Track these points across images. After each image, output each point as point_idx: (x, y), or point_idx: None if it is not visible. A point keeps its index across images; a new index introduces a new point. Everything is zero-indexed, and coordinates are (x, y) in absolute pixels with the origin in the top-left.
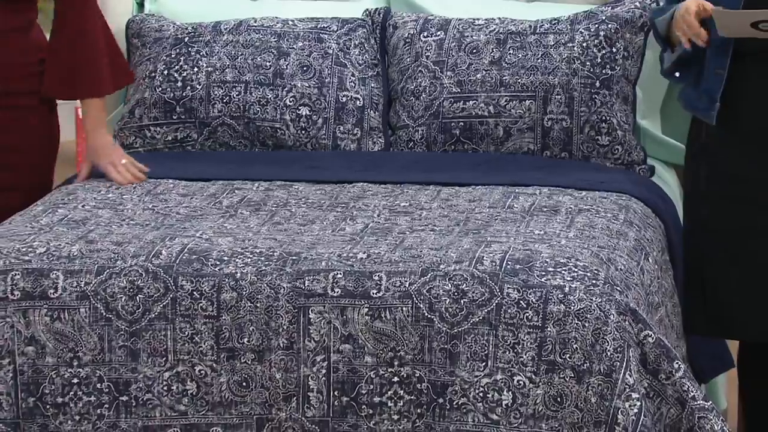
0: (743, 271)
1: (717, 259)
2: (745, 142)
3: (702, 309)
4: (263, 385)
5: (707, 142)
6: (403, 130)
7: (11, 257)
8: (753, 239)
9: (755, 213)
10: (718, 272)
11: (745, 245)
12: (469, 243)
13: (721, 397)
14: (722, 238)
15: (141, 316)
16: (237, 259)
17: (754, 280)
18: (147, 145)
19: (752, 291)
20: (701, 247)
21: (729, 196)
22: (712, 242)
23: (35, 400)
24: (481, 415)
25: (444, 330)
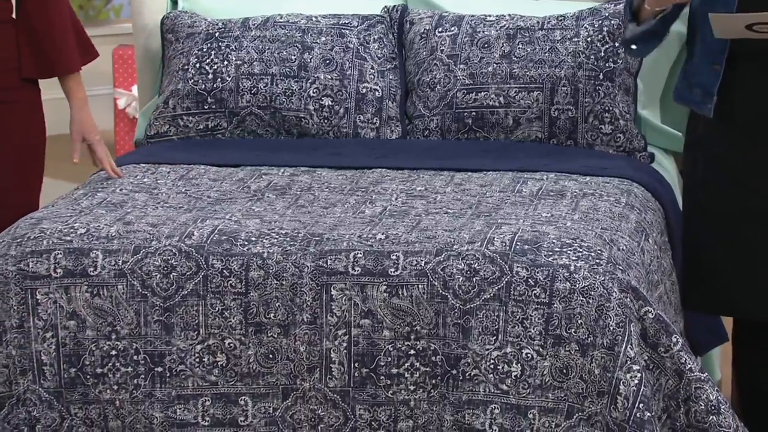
0: (737, 253)
1: (713, 242)
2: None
3: (699, 288)
4: (288, 357)
5: (704, 132)
6: (419, 120)
7: (54, 238)
8: (746, 223)
9: (748, 197)
10: (714, 254)
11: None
12: (480, 225)
13: (716, 369)
14: (718, 222)
15: (174, 293)
16: (264, 239)
17: (748, 261)
18: (180, 134)
19: (746, 271)
20: (698, 230)
21: (724, 182)
22: (708, 226)
23: (76, 370)
24: (491, 386)
25: (457, 306)
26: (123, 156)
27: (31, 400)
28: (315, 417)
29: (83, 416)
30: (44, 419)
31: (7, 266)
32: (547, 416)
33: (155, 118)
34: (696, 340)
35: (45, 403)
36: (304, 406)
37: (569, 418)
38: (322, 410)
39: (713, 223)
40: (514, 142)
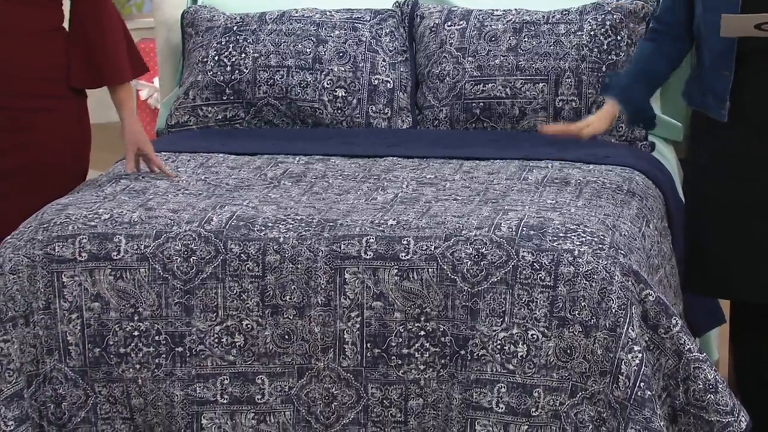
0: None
1: (714, 230)
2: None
3: (700, 272)
4: (303, 338)
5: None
6: (429, 110)
7: (79, 223)
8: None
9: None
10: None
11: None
12: (488, 211)
13: (714, 350)
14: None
15: (194, 276)
16: (280, 225)
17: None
18: (199, 123)
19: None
20: (700, 218)
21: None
22: (709, 214)
23: (100, 350)
24: (498, 365)
25: (466, 289)
26: None
27: (57, 378)
28: (329, 395)
29: (107, 394)
30: (70, 397)
31: (35, 250)
32: (551, 395)
33: (176, 108)
34: (695, 321)
35: (70, 382)
36: (318, 384)
37: (573, 396)
38: (335, 389)
39: (715, 212)
40: (520, 132)
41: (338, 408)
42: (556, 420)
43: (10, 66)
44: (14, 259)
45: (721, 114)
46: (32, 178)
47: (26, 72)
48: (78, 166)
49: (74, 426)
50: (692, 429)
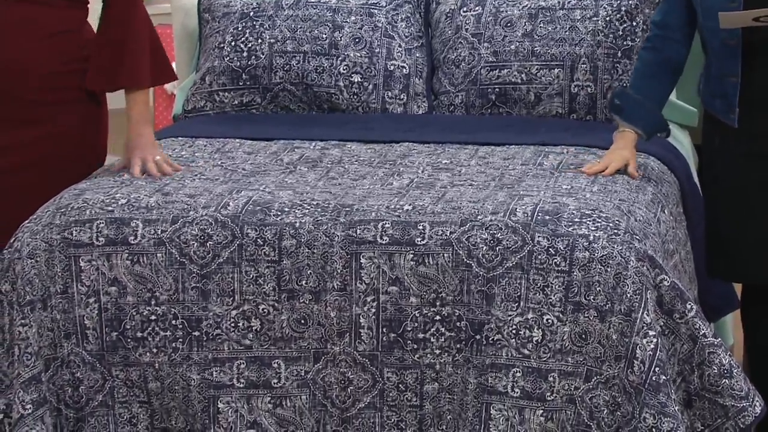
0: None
1: (731, 212)
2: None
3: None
4: (319, 323)
5: None
6: (445, 96)
7: (96, 208)
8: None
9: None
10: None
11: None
12: (503, 196)
13: (729, 335)
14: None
15: (211, 261)
16: (296, 210)
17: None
18: (216, 109)
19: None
20: (717, 200)
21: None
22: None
23: (118, 334)
24: (513, 350)
25: (481, 274)
26: (162, 130)
27: (74, 362)
28: (345, 379)
29: (124, 378)
30: (87, 380)
31: (52, 234)
32: (566, 379)
33: (192, 93)
34: (710, 306)
35: (88, 365)
36: (334, 369)
37: (588, 381)
38: (351, 373)
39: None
40: (536, 117)
41: (354, 392)
42: (571, 404)
43: (29, 61)
44: (32, 244)
45: (731, 119)
46: (52, 170)
47: (45, 67)
48: (96, 155)
49: (92, 409)
50: (707, 414)
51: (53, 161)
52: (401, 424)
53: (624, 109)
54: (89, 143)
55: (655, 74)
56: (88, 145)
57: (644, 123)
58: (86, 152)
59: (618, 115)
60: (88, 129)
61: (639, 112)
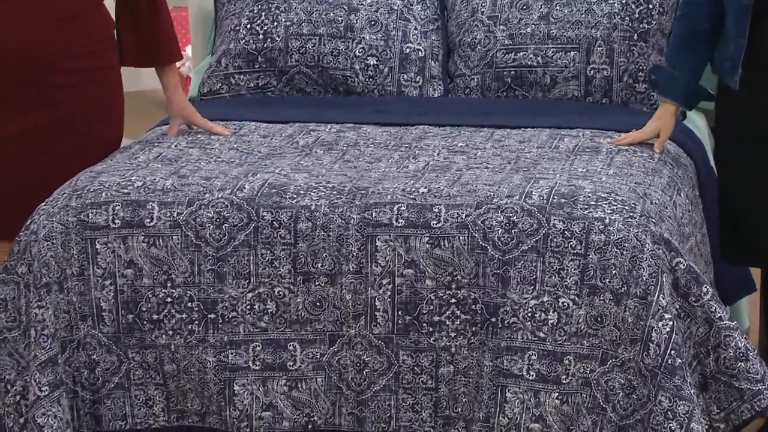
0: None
1: (747, 195)
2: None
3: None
4: (335, 305)
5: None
6: (461, 78)
7: (112, 190)
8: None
9: None
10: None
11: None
12: (519, 179)
13: (745, 318)
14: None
15: (227, 243)
16: (312, 192)
17: None
18: (232, 91)
19: None
20: (732, 184)
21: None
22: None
23: (134, 316)
24: (529, 333)
25: (497, 257)
26: None
27: (90, 344)
28: (360, 362)
29: (140, 360)
30: (103, 362)
31: (68, 217)
32: (582, 362)
33: (208, 76)
34: (725, 289)
35: (104, 347)
36: (349, 351)
37: (603, 364)
38: (366, 356)
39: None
40: (552, 100)
41: (369, 375)
42: (586, 387)
43: (45, 44)
44: (48, 226)
45: (734, 81)
46: (67, 153)
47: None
48: (112, 138)
49: (108, 391)
50: (722, 397)
51: (69, 144)
52: (416, 407)
53: (659, 83)
54: (105, 126)
55: (686, 44)
56: (103, 127)
57: (679, 94)
58: (102, 135)
59: (655, 89)
60: (104, 112)
61: (673, 84)
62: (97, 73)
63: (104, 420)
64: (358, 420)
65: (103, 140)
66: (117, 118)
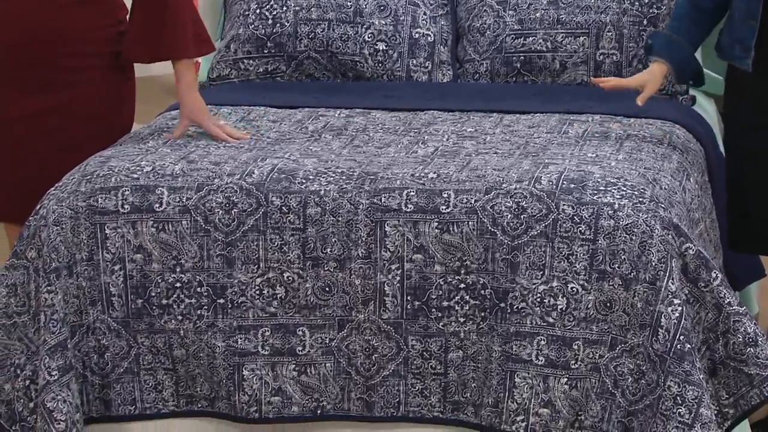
0: None
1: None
2: None
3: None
4: (344, 291)
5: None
6: (470, 64)
7: (122, 175)
8: None
9: None
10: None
11: None
12: (528, 164)
13: (754, 303)
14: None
15: (236, 228)
16: (321, 177)
17: None
18: (241, 76)
19: None
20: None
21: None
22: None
23: (143, 301)
24: (538, 318)
25: (506, 242)
26: None
27: (100, 329)
28: (369, 347)
29: (149, 345)
30: (113, 347)
31: (78, 202)
32: (591, 347)
33: (217, 61)
34: (735, 275)
35: (113, 332)
36: (359, 336)
37: (612, 349)
38: (376, 341)
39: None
40: (561, 86)
41: (378, 360)
42: (595, 373)
43: (57, 27)
44: (57, 211)
45: (746, 63)
46: (78, 136)
47: (73, 33)
48: (123, 122)
49: (117, 376)
50: (732, 382)
51: (78, 129)
52: (425, 392)
53: (654, 45)
54: (116, 110)
55: (688, 17)
56: (114, 111)
57: (671, 55)
58: (113, 119)
59: (649, 53)
60: (115, 95)
61: (668, 45)
62: (107, 58)
63: (114, 405)
64: (367, 405)
65: (114, 126)
66: (128, 103)
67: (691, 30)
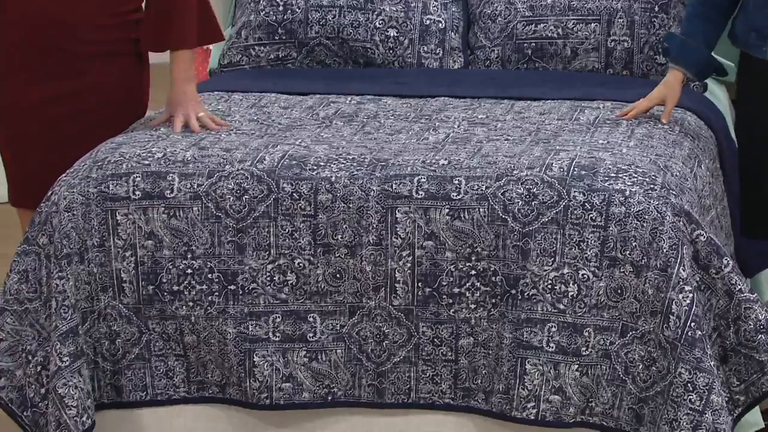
0: None
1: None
2: None
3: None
4: (355, 277)
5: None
6: (481, 50)
7: (133, 161)
8: None
9: None
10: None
11: None
12: (539, 151)
13: (765, 290)
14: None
15: (247, 215)
16: (332, 164)
17: None
18: (252, 63)
19: None
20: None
21: None
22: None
23: (154, 287)
24: (549, 305)
25: (517, 229)
26: (199, 84)
27: (111, 315)
28: (380, 334)
29: (160, 331)
30: (124, 333)
31: (89, 188)
32: (601, 334)
33: (228, 48)
34: (746, 262)
35: (124, 318)
36: (369, 323)
37: (623, 336)
38: (386, 327)
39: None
40: (572, 72)
41: (389, 346)
42: (606, 359)
43: (74, 14)
44: (69, 197)
45: (763, 51)
46: (93, 122)
47: (90, 20)
48: (137, 109)
49: (128, 362)
50: (743, 369)
51: (93, 116)
52: (436, 378)
53: (671, 50)
54: (130, 96)
55: (701, 14)
56: (129, 98)
57: (689, 62)
58: (127, 105)
59: (666, 57)
60: (130, 82)
61: (684, 51)
62: (123, 44)
63: (125, 391)
64: (378, 391)
65: (129, 113)
66: (143, 90)
67: (704, 28)
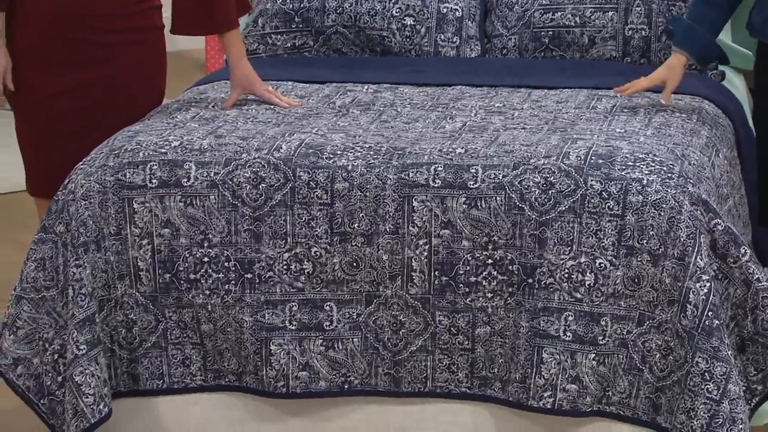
0: None
1: None
2: None
3: None
4: (371, 266)
5: None
6: (498, 39)
7: (150, 150)
8: None
9: None
10: None
11: None
12: (556, 140)
13: None
14: None
15: (264, 203)
16: (349, 152)
17: None
18: (269, 51)
19: None
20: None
21: None
22: None
23: (171, 276)
24: (566, 294)
25: (534, 218)
26: (214, 72)
27: (128, 303)
28: (396, 322)
29: (177, 319)
30: (140, 322)
31: (106, 176)
32: (619, 323)
33: (245, 36)
34: (763, 251)
35: (141, 307)
36: (386, 312)
37: (640, 325)
38: (403, 316)
39: None
40: (590, 61)
41: (406, 335)
42: (623, 348)
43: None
44: (86, 185)
45: None
46: (111, 111)
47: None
48: (154, 97)
49: (145, 350)
50: (760, 358)
51: (111, 105)
52: (453, 367)
53: (676, 33)
54: (147, 85)
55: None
56: (145, 89)
57: (692, 47)
58: (145, 94)
59: (671, 40)
60: (147, 71)
61: (688, 36)
62: (140, 33)
63: (141, 379)
64: (395, 380)
65: (145, 102)
66: (159, 79)
67: (710, 14)
